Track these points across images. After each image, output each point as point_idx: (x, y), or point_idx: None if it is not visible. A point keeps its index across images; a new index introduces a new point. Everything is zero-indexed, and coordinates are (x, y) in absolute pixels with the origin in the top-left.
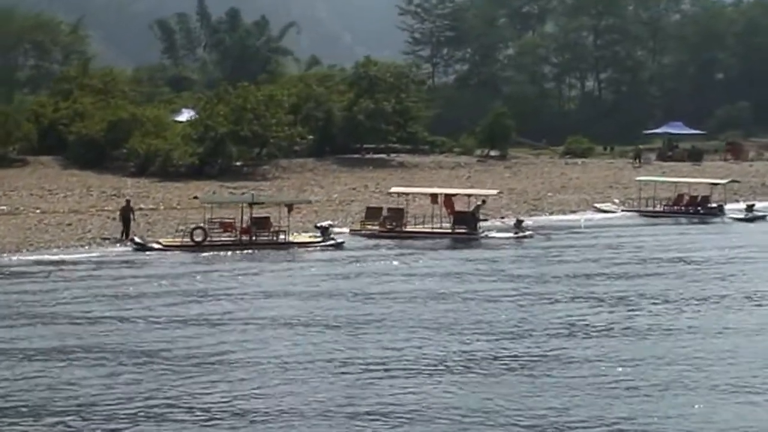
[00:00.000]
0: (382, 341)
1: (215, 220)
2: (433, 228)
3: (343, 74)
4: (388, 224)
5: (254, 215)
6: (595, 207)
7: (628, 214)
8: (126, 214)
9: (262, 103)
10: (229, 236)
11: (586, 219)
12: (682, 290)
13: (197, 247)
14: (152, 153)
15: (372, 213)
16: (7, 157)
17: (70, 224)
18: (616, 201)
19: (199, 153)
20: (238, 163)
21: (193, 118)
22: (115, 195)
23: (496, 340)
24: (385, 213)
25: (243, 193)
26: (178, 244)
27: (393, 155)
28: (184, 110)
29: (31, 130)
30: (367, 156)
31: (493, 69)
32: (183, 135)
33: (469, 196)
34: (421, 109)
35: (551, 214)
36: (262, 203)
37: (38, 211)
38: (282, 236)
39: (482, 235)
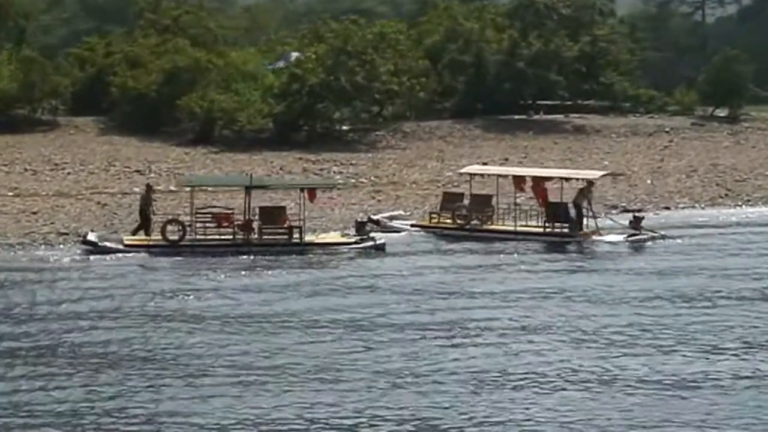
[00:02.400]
0: None
1: (204, 211)
2: (516, 226)
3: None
4: (461, 218)
5: (263, 205)
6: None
7: None
8: (145, 207)
9: (371, 43)
10: (225, 233)
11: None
12: None
13: (172, 248)
14: (214, 114)
15: (450, 201)
16: (32, 118)
17: (36, 212)
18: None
19: (276, 113)
20: (345, 128)
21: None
22: (138, 171)
23: None
24: (465, 201)
25: (308, 173)
26: (146, 243)
27: (574, 116)
28: (292, 54)
29: (61, 83)
30: (535, 117)
31: None
32: (265, 89)
33: (566, 179)
34: (623, 53)
35: (744, 205)
36: (265, 187)
37: (11, 193)
38: (296, 235)
39: (584, 237)
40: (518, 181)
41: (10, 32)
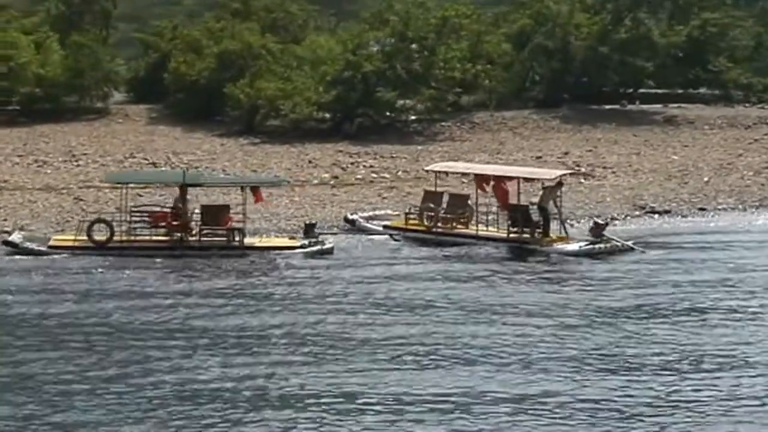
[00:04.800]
0: None
1: (139, 210)
2: (478, 230)
3: None
4: (429, 220)
5: (207, 204)
6: None
7: None
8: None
9: (434, 28)
10: (162, 233)
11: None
12: None
13: (99, 249)
14: (257, 102)
15: (429, 200)
16: (82, 107)
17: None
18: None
19: (323, 102)
20: (412, 117)
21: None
22: (153, 164)
23: None
24: (444, 201)
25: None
26: (71, 245)
27: (672, 106)
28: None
29: (112, 70)
30: (630, 107)
31: None
32: (320, 77)
33: (527, 179)
34: (743, 38)
35: None
36: (200, 185)
37: None
38: (238, 237)
39: (546, 243)
40: (480, 180)
41: (96, 16)
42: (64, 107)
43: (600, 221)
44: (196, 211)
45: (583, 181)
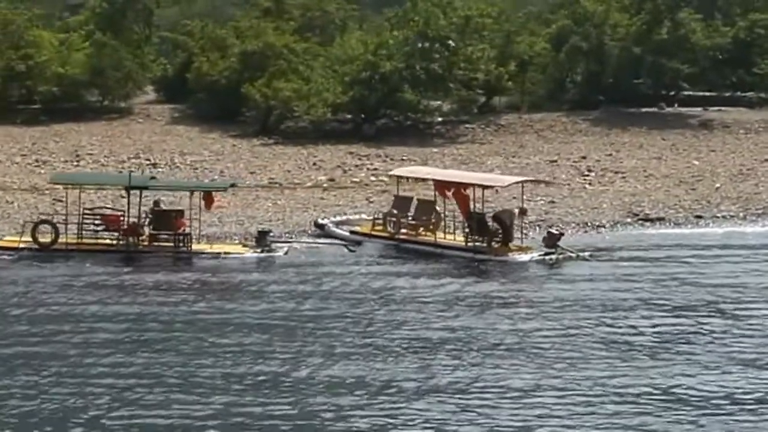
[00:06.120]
0: None
1: (91, 211)
2: (437, 238)
3: None
4: (392, 226)
5: (158, 208)
6: None
7: None
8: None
9: (456, 28)
10: (112, 236)
11: None
12: None
13: (43, 251)
14: (272, 102)
15: (398, 206)
16: (104, 106)
17: None
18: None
19: (340, 103)
20: (438, 119)
21: None
22: (154, 165)
23: None
24: (413, 206)
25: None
26: (15, 246)
27: (712, 109)
28: None
29: (133, 69)
30: (667, 110)
31: None
32: (337, 78)
33: (486, 187)
34: None
35: None
36: (145, 188)
37: None
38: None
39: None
40: (440, 186)
41: (139, 15)
42: (86, 106)
43: (554, 231)
44: None
45: (587, 186)
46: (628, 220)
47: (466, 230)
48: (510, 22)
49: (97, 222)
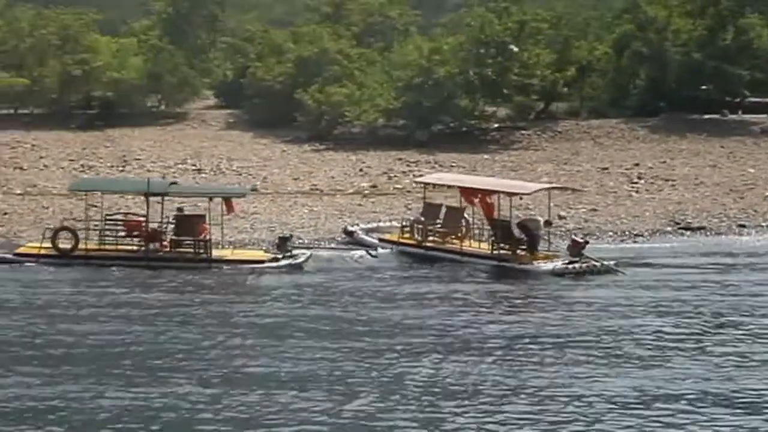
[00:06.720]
0: None
1: (114, 218)
2: (462, 246)
3: None
4: (419, 234)
5: (180, 214)
6: None
7: None
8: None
9: (511, 33)
10: (133, 243)
11: None
12: None
13: (63, 258)
14: (325, 108)
15: (428, 213)
16: (159, 111)
17: (6, 214)
18: None
19: (393, 109)
20: (494, 125)
21: None
22: (198, 171)
23: None
24: (442, 213)
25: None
26: (36, 253)
27: None
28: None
29: (189, 75)
30: (731, 117)
31: None
32: (391, 83)
33: (512, 194)
34: None
35: None
36: (164, 194)
37: (19, 191)
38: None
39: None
40: (467, 193)
41: (204, 20)
42: (143, 111)
43: (578, 239)
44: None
45: (633, 194)
46: (668, 228)
47: (492, 238)
48: (569, 26)
49: (119, 228)
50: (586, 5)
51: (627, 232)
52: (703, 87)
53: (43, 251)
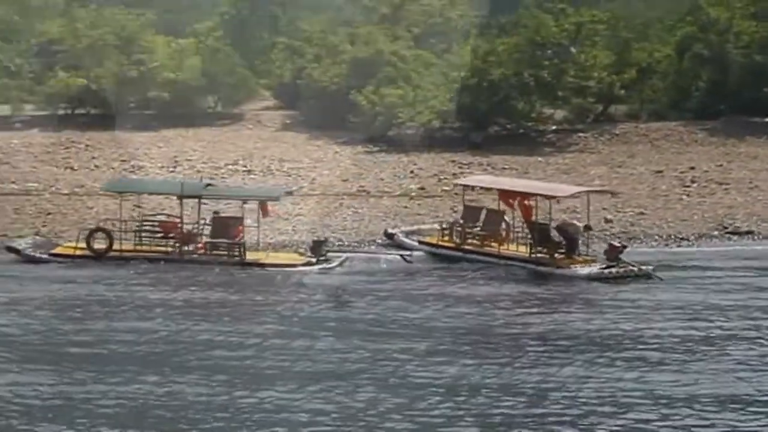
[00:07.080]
0: None
1: (151, 219)
2: (500, 250)
3: None
4: (458, 237)
5: (217, 215)
6: None
7: None
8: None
9: (568, 35)
10: (169, 244)
11: None
12: None
13: (97, 258)
14: (378, 109)
15: (469, 216)
16: (216, 112)
17: (50, 213)
18: None
19: (447, 110)
20: (552, 127)
21: None
22: (248, 172)
23: None
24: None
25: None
26: (72, 253)
27: None
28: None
29: (245, 74)
30: None
31: None
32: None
33: (549, 197)
34: None
35: None
36: (198, 197)
37: (66, 191)
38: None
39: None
40: (506, 196)
41: (267, 20)
42: (199, 112)
43: (616, 243)
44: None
45: (684, 197)
46: (715, 233)
47: (530, 241)
48: (628, 28)
49: (155, 229)
50: (645, 7)
51: (672, 236)
52: (766, 89)
53: (78, 252)
